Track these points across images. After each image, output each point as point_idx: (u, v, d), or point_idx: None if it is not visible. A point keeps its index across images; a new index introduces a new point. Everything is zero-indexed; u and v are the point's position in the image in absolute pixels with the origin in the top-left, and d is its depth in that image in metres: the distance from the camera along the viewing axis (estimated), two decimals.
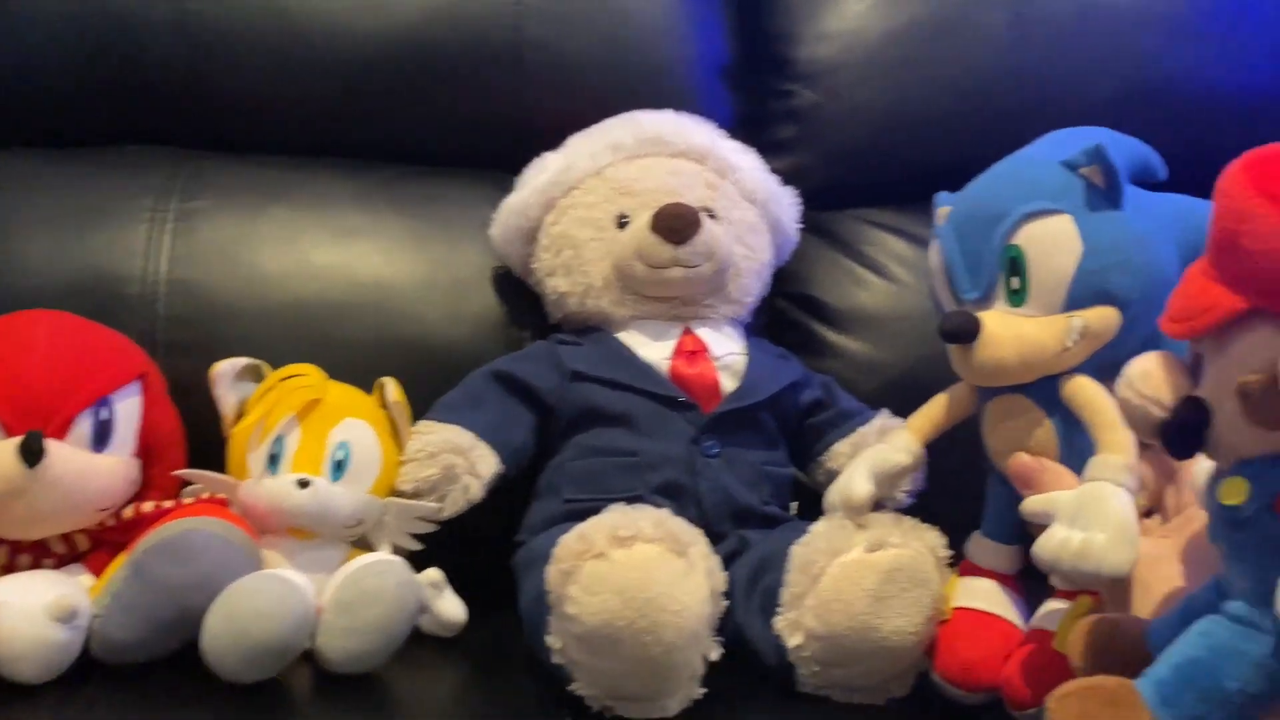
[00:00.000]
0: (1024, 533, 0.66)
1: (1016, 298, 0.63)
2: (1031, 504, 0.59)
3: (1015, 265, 0.63)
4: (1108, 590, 0.57)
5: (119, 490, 0.67)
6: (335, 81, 0.88)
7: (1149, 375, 0.47)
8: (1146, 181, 0.67)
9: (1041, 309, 0.63)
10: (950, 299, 0.67)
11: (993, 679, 0.63)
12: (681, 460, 0.73)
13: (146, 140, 0.88)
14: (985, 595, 0.66)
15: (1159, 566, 0.55)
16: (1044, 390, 0.64)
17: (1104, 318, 0.62)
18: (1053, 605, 0.64)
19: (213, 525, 0.63)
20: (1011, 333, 0.63)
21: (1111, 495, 0.56)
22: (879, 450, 0.69)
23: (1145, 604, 0.54)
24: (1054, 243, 0.62)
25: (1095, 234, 0.62)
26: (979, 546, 0.68)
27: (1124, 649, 0.51)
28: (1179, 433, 0.46)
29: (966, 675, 0.63)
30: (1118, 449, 0.58)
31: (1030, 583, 0.67)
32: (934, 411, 0.70)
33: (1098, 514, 0.55)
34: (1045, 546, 0.55)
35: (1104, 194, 0.62)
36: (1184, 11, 0.95)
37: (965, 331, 0.63)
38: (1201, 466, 0.51)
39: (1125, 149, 0.65)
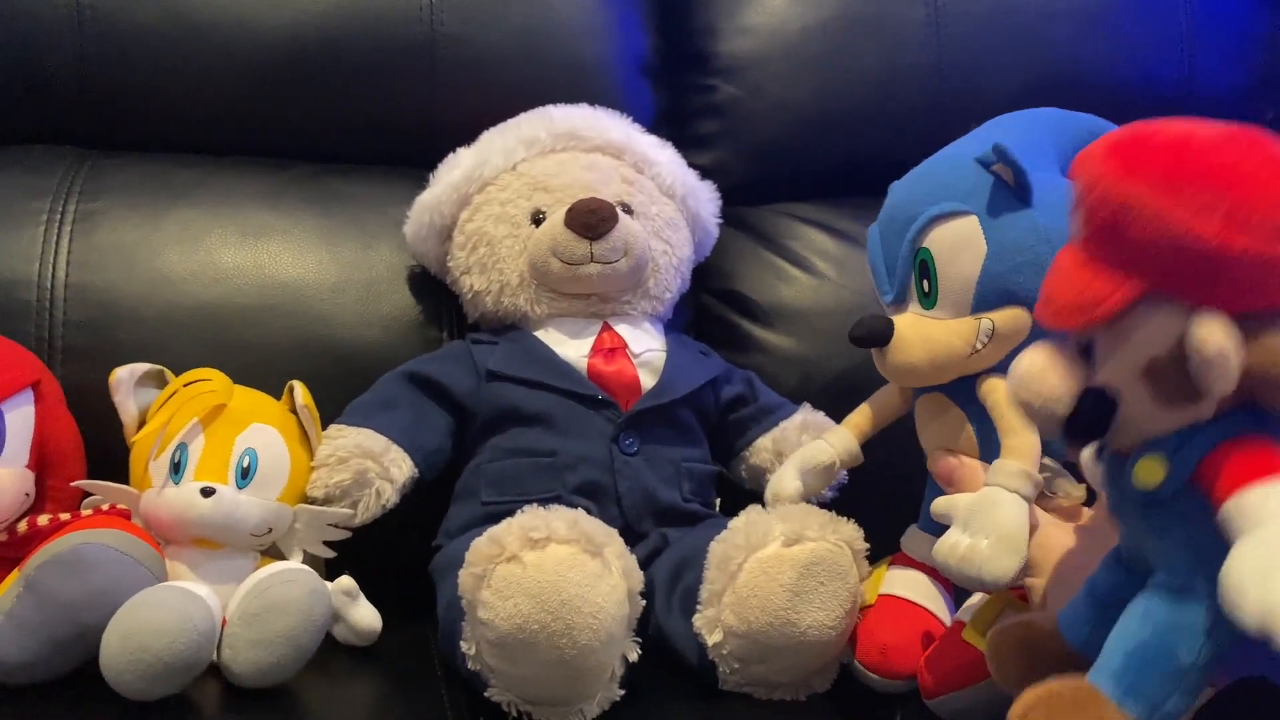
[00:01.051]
0: None
1: (928, 300, 0.64)
2: (937, 506, 0.60)
3: (925, 268, 0.64)
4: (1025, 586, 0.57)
5: (11, 503, 0.65)
6: (241, 77, 0.86)
7: (1043, 374, 0.46)
8: None
9: (951, 311, 0.63)
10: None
11: (910, 667, 0.63)
12: (600, 459, 0.72)
13: (42, 140, 0.85)
14: (912, 585, 0.67)
15: (1070, 556, 0.56)
16: (963, 390, 0.64)
17: (1013, 319, 0.62)
18: (975, 599, 0.64)
19: (109, 537, 0.61)
20: (920, 335, 0.63)
21: (1003, 502, 0.56)
22: (809, 447, 0.70)
23: (1060, 594, 0.54)
24: (959, 245, 0.62)
25: (1001, 234, 0.62)
26: (914, 539, 0.69)
27: (1047, 646, 0.51)
28: (1084, 426, 0.46)
29: (884, 659, 0.63)
30: (1018, 454, 0.58)
31: None
32: (871, 409, 0.70)
33: (987, 520, 0.56)
34: (939, 549, 0.57)
35: (1013, 191, 0.62)
36: (1093, 6, 0.97)
37: (874, 335, 0.64)
38: (1088, 450, 0.52)
39: (1070, 127, 0.66)
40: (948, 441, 0.65)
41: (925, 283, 0.64)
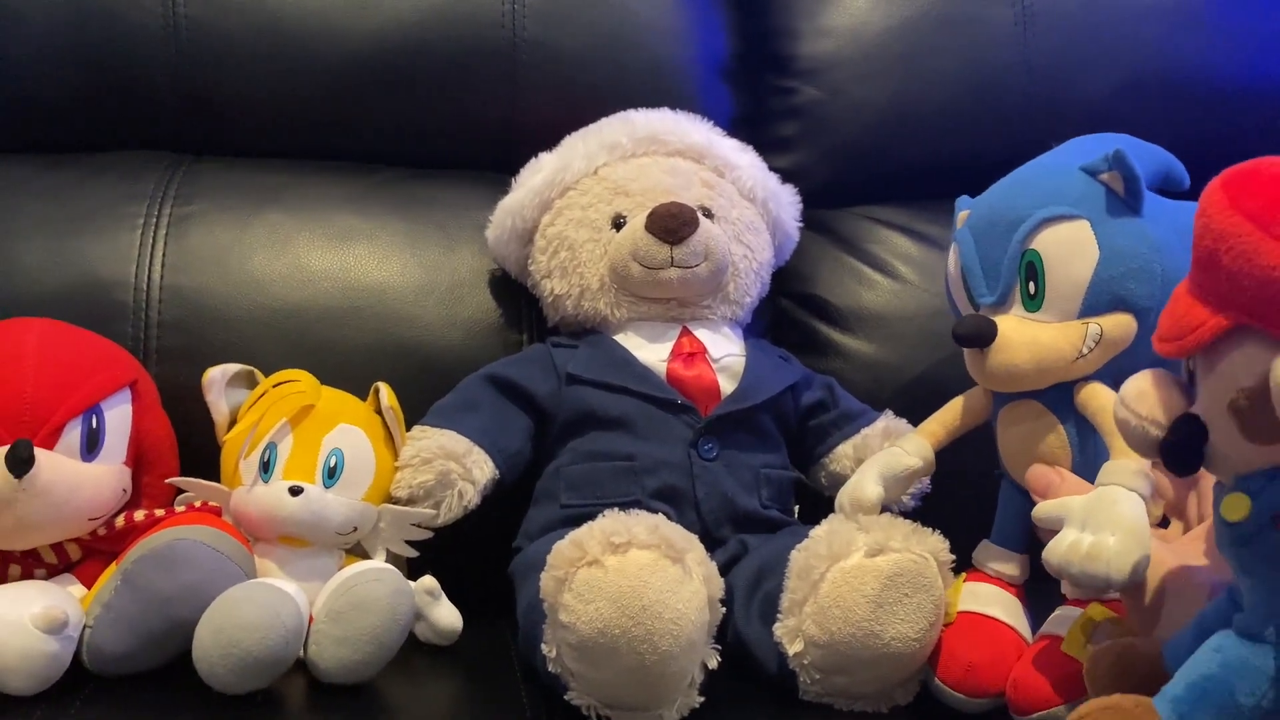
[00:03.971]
0: (1033, 541, 0.65)
1: (1033, 303, 0.63)
2: (1044, 509, 0.58)
3: (1032, 270, 0.63)
4: (1129, 598, 0.56)
5: (109, 499, 0.67)
6: (329, 84, 0.88)
7: (1144, 395, 0.47)
8: (1169, 190, 0.66)
9: (1057, 315, 0.62)
10: (967, 303, 0.67)
11: (995, 684, 0.62)
12: (679, 464, 0.72)
13: (139, 146, 0.88)
14: (991, 601, 0.65)
15: (1188, 574, 0.54)
16: (1058, 396, 0.63)
17: (1120, 325, 0.61)
18: (1064, 612, 0.63)
19: (203, 534, 0.62)
20: (1027, 338, 0.62)
21: (1124, 499, 0.55)
22: (890, 453, 0.69)
23: (1177, 612, 0.53)
24: (1071, 248, 0.61)
25: (1113, 240, 0.61)
26: (987, 553, 0.68)
27: (1142, 671, 0.50)
28: (1177, 451, 0.46)
29: (968, 678, 0.62)
30: (1131, 454, 0.56)
31: (1036, 596, 0.67)
32: (948, 416, 0.69)
33: (1110, 517, 0.54)
34: (1055, 550, 0.54)
35: (1123, 201, 0.62)
36: (1188, 1, 0.94)
37: (980, 336, 0.63)
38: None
39: (1147, 157, 0.65)
40: (1036, 448, 0.64)
41: (1031, 285, 0.63)
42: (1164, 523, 0.61)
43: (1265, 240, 0.43)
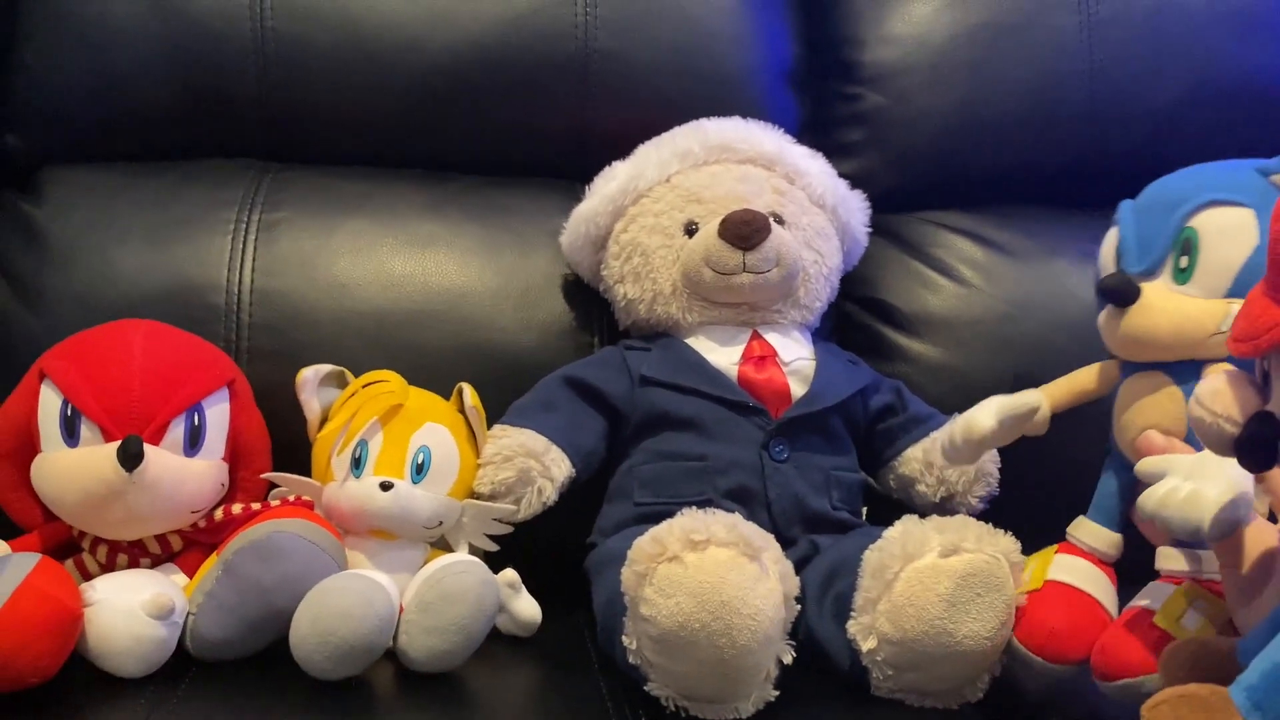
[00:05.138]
0: (1129, 523, 0.66)
1: (1182, 275, 0.64)
2: (1148, 463, 0.56)
3: (1188, 244, 0.64)
4: (1228, 573, 0.55)
5: (210, 493, 0.70)
6: (408, 95, 0.91)
7: (1219, 393, 0.48)
8: None
9: (1204, 291, 0.64)
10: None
11: (1075, 652, 0.63)
12: (750, 465, 0.73)
13: (229, 154, 0.91)
14: (1080, 573, 0.66)
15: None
16: (1186, 371, 0.64)
17: None
18: (1156, 587, 0.63)
19: (299, 526, 0.65)
20: (1171, 305, 0.64)
21: (1232, 464, 0.52)
22: (1013, 395, 0.70)
23: (1273, 594, 0.53)
24: (1232, 229, 0.63)
25: None
26: (1082, 529, 0.69)
27: (1217, 666, 0.51)
28: (1252, 447, 0.47)
29: (1050, 643, 0.63)
30: None
31: (1127, 579, 0.67)
32: (1074, 380, 0.70)
33: (1216, 473, 0.53)
34: (1152, 494, 0.53)
35: None
36: (1255, 9, 0.94)
37: (1123, 293, 0.64)
38: None
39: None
40: (1157, 420, 0.64)
41: (1185, 259, 0.64)
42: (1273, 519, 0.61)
43: None
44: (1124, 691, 0.60)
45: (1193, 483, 0.53)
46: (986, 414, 0.69)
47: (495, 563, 0.73)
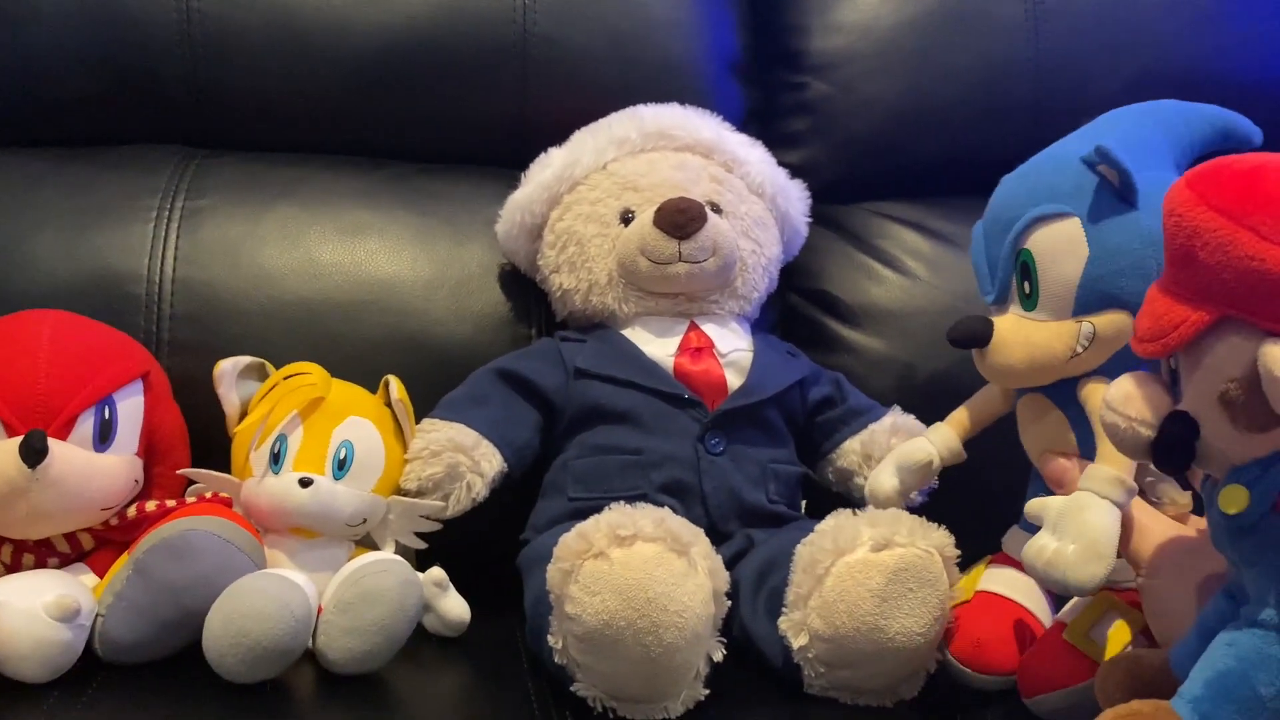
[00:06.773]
0: None
1: (1028, 302, 0.63)
2: (1031, 506, 0.59)
3: (1026, 269, 0.63)
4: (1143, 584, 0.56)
5: (122, 489, 0.67)
6: (340, 79, 0.88)
7: (1130, 397, 0.48)
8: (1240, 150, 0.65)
9: (1051, 314, 0.63)
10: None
11: (1003, 663, 0.62)
12: (686, 458, 0.72)
13: (152, 139, 0.88)
14: (1011, 583, 0.66)
15: (1199, 560, 0.54)
16: (1064, 392, 0.64)
17: (1114, 323, 0.61)
18: (1081, 599, 0.63)
19: (214, 525, 0.63)
20: (1020, 337, 0.63)
21: (1092, 507, 0.56)
22: (908, 445, 0.70)
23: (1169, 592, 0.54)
24: (1061, 247, 0.62)
25: (1104, 237, 0.61)
26: (1015, 539, 0.68)
27: (1152, 680, 0.51)
28: (1169, 449, 0.47)
29: (978, 654, 0.63)
30: (1113, 459, 0.57)
31: None
32: (973, 407, 0.70)
33: (1075, 525, 0.56)
34: (1027, 550, 0.57)
35: (1118, 193, 0.61)
36: None
37: (973, 336, 0.64)
38: None
39: (1197, 121, 0.64)
40: (1050, 443, 0.64)
41: (1026, 284, 0.63)
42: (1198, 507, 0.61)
43: (1240, 231, 0.43)
44: (1043, 705, 0.60)
45: (1056, 538, 0.56)
46: (887, 474, 0.70)
47: (424, 561, 0.72)
